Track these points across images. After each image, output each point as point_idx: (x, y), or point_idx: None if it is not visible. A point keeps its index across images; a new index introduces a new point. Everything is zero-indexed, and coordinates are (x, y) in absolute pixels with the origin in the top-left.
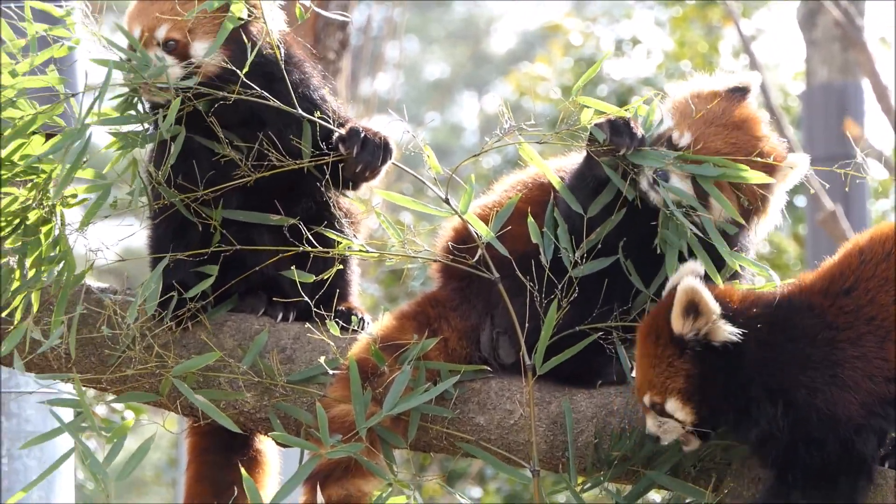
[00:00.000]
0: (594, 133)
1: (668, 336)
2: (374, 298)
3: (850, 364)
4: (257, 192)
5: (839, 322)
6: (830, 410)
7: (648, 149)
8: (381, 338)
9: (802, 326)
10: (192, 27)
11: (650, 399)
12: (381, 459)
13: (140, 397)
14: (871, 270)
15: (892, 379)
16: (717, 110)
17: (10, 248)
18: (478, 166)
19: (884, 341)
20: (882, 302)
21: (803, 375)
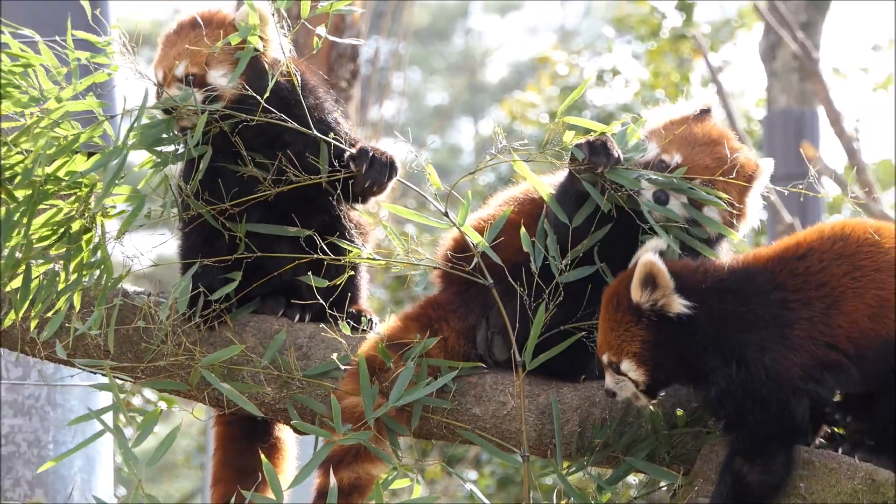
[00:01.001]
0: (575, 152)
1: (626, 304)
2: (381, 302)
3: (798, 325)
4: (277, 206)
5: (789, 284)
6: (776, 368)
7: (624, 167)
8: (387, 337)
9: (756, 288)
10: (206, 59)
11: (608, 358)
12: (387, 446)
13: (171, 385)
14: (827, 245)
15: (832, 345)
16: (696, 131)
17: (55, 255)
18: (474, 183)
19: (829, 308)
20: (834, 272)
21: (754, 334)
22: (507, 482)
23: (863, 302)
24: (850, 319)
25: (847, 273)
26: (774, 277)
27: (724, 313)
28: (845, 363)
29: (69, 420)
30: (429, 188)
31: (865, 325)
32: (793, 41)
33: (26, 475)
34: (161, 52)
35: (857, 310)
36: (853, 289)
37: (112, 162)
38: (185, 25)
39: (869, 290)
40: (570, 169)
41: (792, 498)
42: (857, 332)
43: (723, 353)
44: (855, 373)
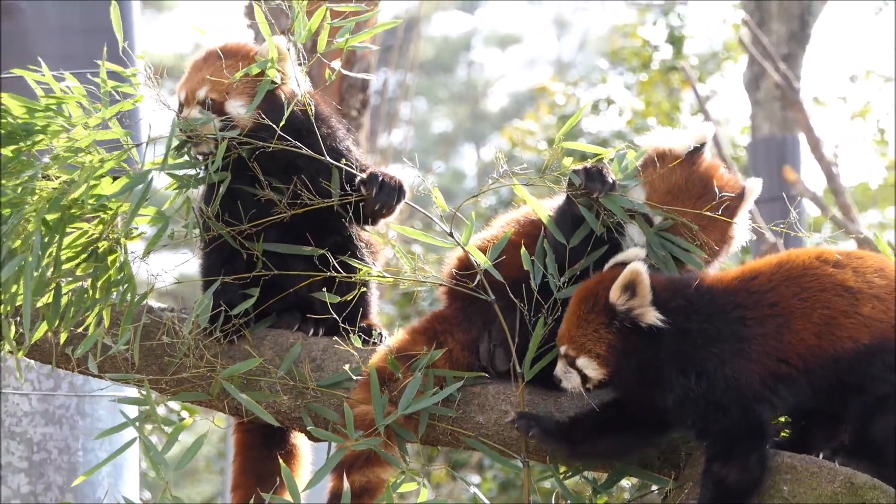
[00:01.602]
0: (572, 178)
1: (602, 304)
2: (390, 316)
3: (754, 340)
4: (292, 227)
5: (747, 302)
6: (735, 378)
7: (618, 194)
8: (396, 349)
9: (718, 305)
10: (227, 88)
11: (566, 351)
12: (396, 451)
13: (194, 396)
14: (776, 268)
15: (784, 360)
16: (682, 182)
17: (82, 274)
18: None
19: (781, 327)
20: (783, 293)
21: (715, 349)
22: (509, 486)
23: (810, 321)
24: (799, 337)
25: (795, 294)
26: (734, 298)
27: (689, 330)
28: (796, 376)
29: (97, 428)
30: (434, 210)
31: (813, 342)
32: (775, 72)
33: (57, 480)
34: (187, 75)
35: (805, 328)
36: (801, 309)
37: (137, 187)
38: (212, 54)
39: (815, 309)
40: (567, 193)
41: (776, 500)
42: (805, 349)
43: (683, 366)
44: (805, 385)
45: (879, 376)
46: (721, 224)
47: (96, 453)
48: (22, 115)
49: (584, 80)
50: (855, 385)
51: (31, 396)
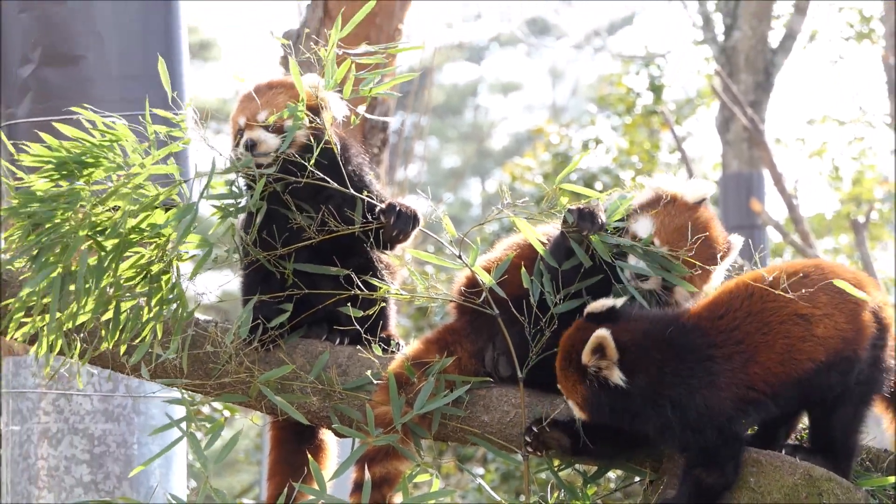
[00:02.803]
0: (566, 216)
1: (577, 362)
2: (407, 328)
3: (723, 374)
4: (321, 250)
5: (717, 340)
6: (706, 406)
7: (606, 234)
8: (411, 357)
9: (691, 343)
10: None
11: (560, 388)
12: (411, 446)
13: (234, 398)
14: (737, 303)
15: (751, 387)
16: (685, 225)
17: (139, 292)
18: (482, 232)
19: (747, 362)
20: (748, 330)
21: (686, 384)
22: (509, 477)
23: (773, 352)
24: (764, 367)
25: (758, 330)
26: (706, 334)
27: (663, 373)
28: (763, 399)
29: (150, 424)
30: (445, 236)
31: (777, 370)
32: (743, 116)
33: (115, 470)
34: (241, 105)
35: (769, 359)
36: (764, 343)
37: (185, 217)
38: (262, 86)
39: (777, 341)
40: (562, 229)
41: (744, 491)
42: (770, 377)
43: (657, 400)
44: (772, 406)
45: (834, 383)
46: (709, 273)
47: (149, 447)
48: (75, 148)
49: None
50: (816, 395)
51: (93, 397)
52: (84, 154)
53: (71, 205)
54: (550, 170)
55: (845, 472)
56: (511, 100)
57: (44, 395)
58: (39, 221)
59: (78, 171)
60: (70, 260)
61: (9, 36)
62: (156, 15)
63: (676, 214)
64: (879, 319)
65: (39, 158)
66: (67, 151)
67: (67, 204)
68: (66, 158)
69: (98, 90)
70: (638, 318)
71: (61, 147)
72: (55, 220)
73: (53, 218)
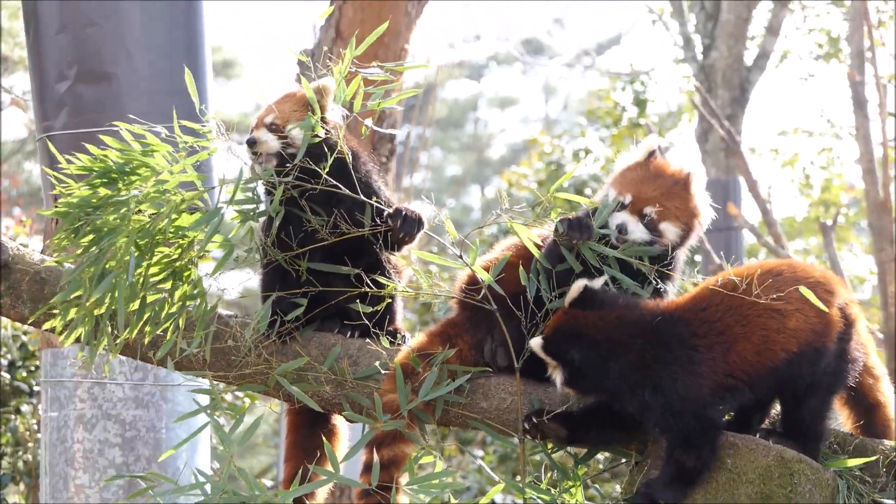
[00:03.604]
0: (558, 226)
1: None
2: (412, 322)
3: (704, 363)
4: (334, 251)
5: (699, 331)
6: (686, 392)
7: (594, 242)
8: (416, 349)
9: (673, 332)
10: (287, 116)
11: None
12: (417, 431)
13: (254, 388)
14: (719, 298)
15: (730, 375)
16: (643, 175)
17: (163, 288)
18: (481, 234)
19: (726, 351)
20: (728, 322)
21: (668, 370)
22: (506, 458)
23: (750, 342)
24: (742, 357)
25: (737, 322)
26: (689, 324)
27: (644, 358)
28: (741, 386)
29: (177, 411)
30: (447, 238)
31: (754, 359)
32: (720, 128)
33: (145, 453)
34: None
35: (746, 349)
36: (742, 334)
37: (212, 221)
38: (277, 97)
39: (754, 332)
40: (554, 236)
41: (721, 472)
42: (748, 366)
43: (635, 384)
44: (748, 393)
45: (805, 372)
46: (681, 195)
47: (176, 431)
48: (118, 157)
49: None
50: (787, 382)
51: (125, 385)
52: (127, 164)
53: (117, 209)
54: (544, 177)
55: (814, 455)
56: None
57: (79, 383)
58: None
59: (121, 178)
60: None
61: (47, 55)
62: (181, 35)
63: (632, 171)
64: (846, 315)
65: (85, 167)
66: (111, 161)
67: (114, 208)
68: (110, 168)
69: (128, 104)
70: (620, 305)
71: (105, 157)
72: (103, 222)
73: (102, 221)
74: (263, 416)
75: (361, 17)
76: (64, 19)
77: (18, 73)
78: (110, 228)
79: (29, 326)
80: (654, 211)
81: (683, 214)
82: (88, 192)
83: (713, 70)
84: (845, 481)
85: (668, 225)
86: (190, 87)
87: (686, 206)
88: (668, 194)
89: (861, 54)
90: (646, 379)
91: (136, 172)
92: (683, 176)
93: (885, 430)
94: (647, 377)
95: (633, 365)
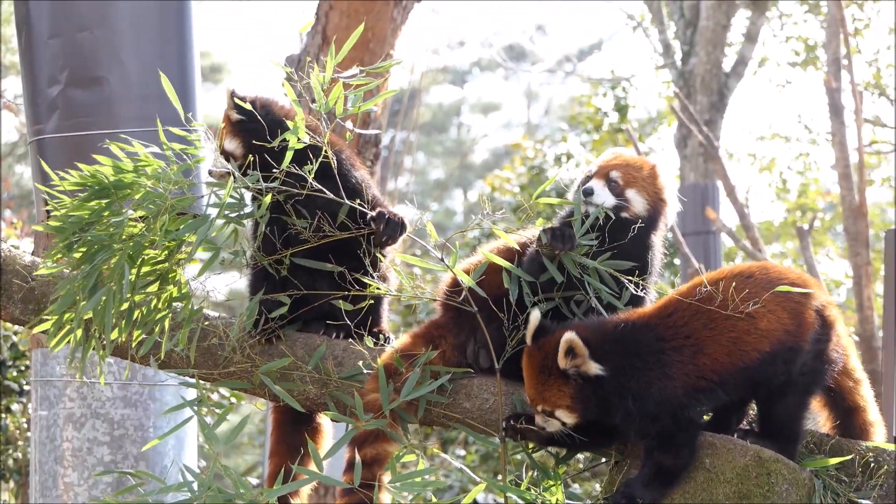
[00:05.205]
0: (541, 236)
1: (556, 370)
2: (395, 324)
3: (674, 365)
4: (320, 253)
5: (666, 335)
6: (661, 395)
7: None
8: (400, 350)
9: (642, 340)
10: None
11: (542, 408)
12: (399, 430)
13: (239, 385)
14: (685, 304)
15: (701, 376)
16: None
17: (150, 292)
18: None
19: (695, 353)
20: (694, 326)
21: (643, 376)
22: (488, 458)
23: (719, 344)
24: (712, 358)
25: (704, 325)
26: (656, 331)
27: (622, 366)
28: (713, 387)
29: (164, 409)
30: (429, 241)
31: (724, 360)
32: (699, 134)
33: (133, 451)
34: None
35: (716, 351)
36: (710, 337)
37: (201, 227)
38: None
39: (723, 334)
40: (536, 246)
41: (700, 471)
42: (718, 367)
43: (622, 392)
44: (721, 393)
45: (780, 371)
46: (648, 173)
47: (164, 430)
48: (111, 174)
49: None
50: (762, 382)
51: (113, 385)
52: (120, 180)
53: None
54: (526, 181)
55: (791, 455)
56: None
57: (69, 382)
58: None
59: (114, 193)
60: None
61: (39, 59)
62: (171, 41)
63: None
64: (823, 317)
65: (80, 182)
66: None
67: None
68: (104, 185)
69: (119, 109)
70: (589, 321)
71: (98, 172)
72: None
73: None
74: (249, 416)
75: (347, 23)
76: (56, 24)
77: (10, 77)
78: (103, 245)
79: (19, 327)
80: (619, 176)
81: (650, 188)
82: (82, 208)
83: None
84: (822, 481)
85: (634, 193)
86: (169, 92)
87: (653, 183)
88: (633, 167)
89: (838, 61)
90: (626, 390)
91: (129, 187)
92: (650, 164)
93: (864, 434)
94: (627, 384)
95: (614, 373)
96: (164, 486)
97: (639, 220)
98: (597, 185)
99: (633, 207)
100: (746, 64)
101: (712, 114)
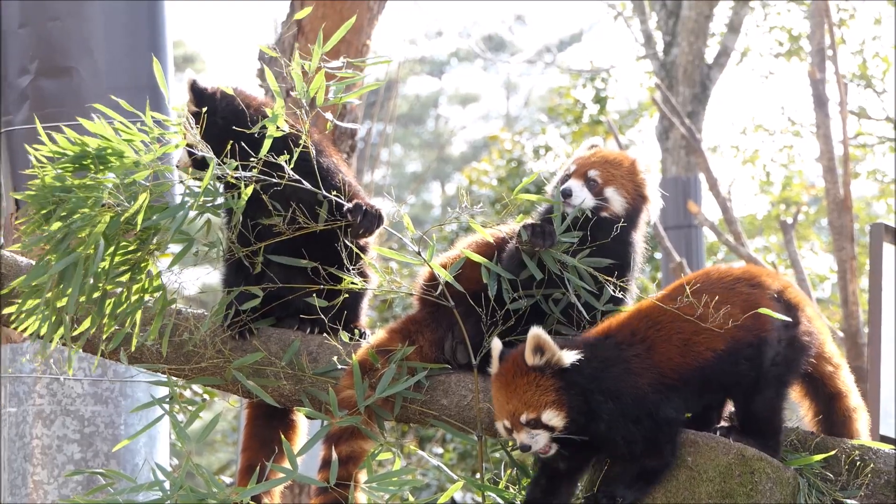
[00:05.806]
0: (521, 232)
1: (529, 370)
2: (372, 319)
3: (632, 361)
4: (295, 246)
5: (620, 340)
6: (632, 391)
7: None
8: (376, 345)
9: (602, 346)
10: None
11: (526, 418)
12: (375, 427)
13: (211, 381)
14: (636, 316)
15: (662, 374)
16: (586, 158)
17: (122, 282)
18: (442, 231)
19: (648, 350)
20: (645, 331)
21: (610, 372)
22: (466, 456)
23: (670, 344)
24: (666, 357)
25: (651, 327)
26: (613, 339)
27: (592, 367)
28: (676, 385)
29: (135, 407)
30: (406, 234)
31: (678, 359)
32: (681, 126)
33: (104, 449)
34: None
35: (668, 350)
36: (659, 337)
37: (177, 215)
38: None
39: (671, 335)
40: (516, 242)
41: (682, 470)
42: (674, 365)
43: (599, 387)
44: (687, 392)
45: (746, 369)
46: (627, 170)
47: (135, 427)
48: (96, 144)
49: (528, 130)
50: (731, 380)
51: (84, 381)
52: (104, 150)
53: (91, 193)
54: (504, 174)
55: (774, 450)
56: (469, 110)
57: (38, 379)
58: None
59: (94, 165)
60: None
61: (8, 49)
62: (143, 30)
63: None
64: (784, 301)
65: (59, 150)
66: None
67: (87, 194)
68: (87, 152)
69: (89, 99)
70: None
71: (82, 142)
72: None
73: (72, 206)
74: (222, 413)
75: (323, 13)
76: (26, 14)
77: None
78: (79, 217)
79: None
80: (598, 174)
81: (629, 185)
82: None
83: (674, 67)
84: (806, 479)
85: (614, 192)
86: (159, 78)
87: (632, 179)
88: (612, 163)
89: (822, 52)
90: (601, 383)
91: (109, 159)
92: (629, 159)
93: (847, 420)
94: (601, 382)
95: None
96: (135, 486)
97: (620, 220)
98: (575, 185)
99: (613, 206)
100: (729, 55)
101: (694, 105)
